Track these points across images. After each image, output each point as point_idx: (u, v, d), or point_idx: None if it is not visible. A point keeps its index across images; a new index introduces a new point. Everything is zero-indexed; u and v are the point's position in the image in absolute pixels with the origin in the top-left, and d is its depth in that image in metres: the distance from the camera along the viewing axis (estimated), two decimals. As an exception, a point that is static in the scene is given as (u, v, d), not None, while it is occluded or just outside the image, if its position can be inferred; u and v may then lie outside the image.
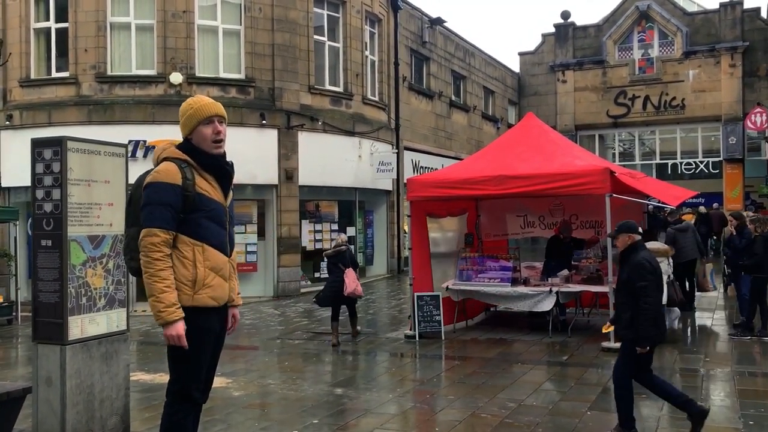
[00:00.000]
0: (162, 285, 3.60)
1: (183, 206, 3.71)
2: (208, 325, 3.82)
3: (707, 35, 28.47)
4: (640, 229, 5.83)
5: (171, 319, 3.60)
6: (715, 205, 24.36)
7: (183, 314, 3.65)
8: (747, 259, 9.90)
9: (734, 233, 10.47)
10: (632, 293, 5.43)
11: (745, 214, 11.58)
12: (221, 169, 3.90)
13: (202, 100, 3.89)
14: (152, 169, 3.88)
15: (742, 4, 27.96)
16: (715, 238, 22.84)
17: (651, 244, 9.61)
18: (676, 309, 9.89)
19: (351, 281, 10.39)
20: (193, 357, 3.80)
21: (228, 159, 3.98)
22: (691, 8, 30.43)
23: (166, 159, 3.81)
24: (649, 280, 5.40)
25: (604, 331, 7.06)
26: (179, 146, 3.87)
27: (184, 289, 3.72)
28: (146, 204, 3.69)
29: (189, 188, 3.73)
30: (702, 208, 22.91)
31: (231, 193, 4.02)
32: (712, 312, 12.33)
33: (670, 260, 9.58)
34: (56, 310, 4.79)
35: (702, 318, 11.79)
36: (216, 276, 3.82)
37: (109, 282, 5.11)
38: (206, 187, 3.82)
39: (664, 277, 9.38)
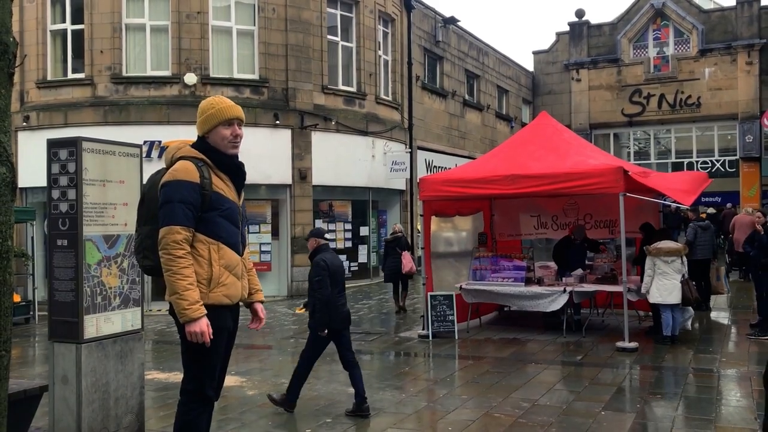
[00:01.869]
0: (185, 282, 3.61)
1: (201, 205, 3.73)
2: (223, 324, 3.84)
3: (723, 32, 28.22)
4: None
5: (195, 316, 3.61)
6: (728, 205, 24.10)
7: (206, 311, 3.67)
8: (765, 258, 9.83)
9: (762, 232, 10.33)
10: (312, 287, 6.47)
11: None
12: (237, 169, 3.92)
13: (224, 102, 3.90)
14: (164, 168, 3.90)
15: (759, 0, 27.68)
16: (722, 237, 22.35)
17: (665, 243, 9.55)
18: (690, 309, 9.82)
19: (407, 262, 12.85)
20: (207, 356, 3.82)
21: (240, 159, 4.01)
22: (707, 5, 30.16)
23: (181, 158, 3.83)
24: (323, 275, 6.36)
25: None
26: (194, 145, 3.89)
27: (199, 288, 3.74)
28: (166, 202, 3.69)
29: (206, 187, 3.75)
30: (711, 209, 22.65)
31: (243, 193, 4.04)
32: (727, 312, 12.23)
33: (684, 258, 9.50)
34: (72, 309, 4.84)
35: (717, 318, 11.70)
36: (230, 275, 3.84)
37: (123, 281, 5.15)
38: (222, 186, 3.85)
39: (678, 276, 9.33)
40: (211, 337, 3.69)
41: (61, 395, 4.83)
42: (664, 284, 9.36)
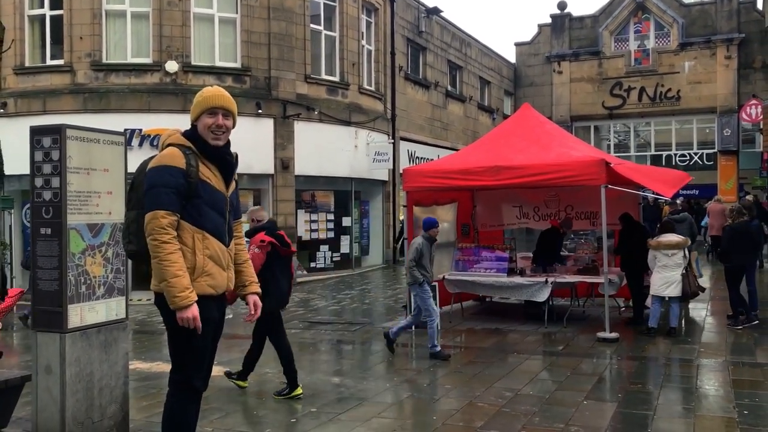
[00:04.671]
0: (173, 269, 3.59)
1: (186, 192, 3.71)
2: (208, 315, 3.82)
3: (703, 27, 28.50)
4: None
5: (186, 303, 3.60)
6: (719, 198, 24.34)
7: (196, 297, 3.66)
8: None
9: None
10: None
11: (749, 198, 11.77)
12: (222, 159, 3.89)
13: (212, 91, 3.87)
14: (151, 157, 3.88)
15: (737, -5, 28.00)
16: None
17: (666, 237, 9.62)
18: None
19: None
20: (194, 346, 3.81)
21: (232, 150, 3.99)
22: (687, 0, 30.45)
23: (170, 145, 3.81)
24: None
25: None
26: (185, 133, 3.87)
27: None
28: (151, 187, 3.67)
29: (192, 174, 3.72)
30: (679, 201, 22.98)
31: (234, 183, 4.02)
32: (705, 303, 12.40)
33: (686, 251, 9.63)
34: (56, 298, 4.79)
35: (696, 308, 11.86)
36: (214, 264, 3.82)
37: (108, 270, 5.11)
38: (209, 175, 3.82)
39: (679, 270, 9.42)
40: (192, 329, 3.68)
41: (45, 385, 4.79)
42: (665, 277, 9.46)
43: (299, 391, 6.71)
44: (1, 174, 3.01)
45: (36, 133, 4.88)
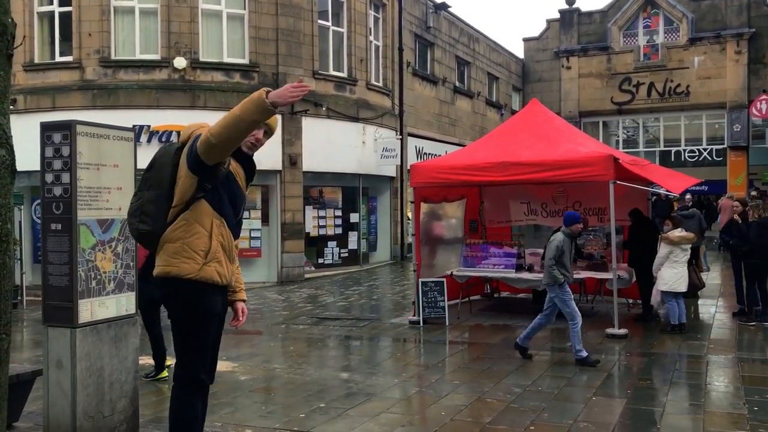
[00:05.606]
0: (232, 112, 3.49)
1: (217, 174, 3.73)
2: (214, 307, 3.86)
3: (713, 21, 28.32)
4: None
5: (263, 95, 3.45)
6: (731, 194, 24.21)
7: (206, 277, 3.74)
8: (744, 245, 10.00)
9: (740, 221, 10.44)
10: None
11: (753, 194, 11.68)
12: (249, 161, 3.96)
13: None
14: (176, 143, 3.92)
15: (748, -11, 27.81)
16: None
17: (681, 232, 9.59)
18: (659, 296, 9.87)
19: None
20: (199, 340, 3.84)
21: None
22: (696, -6, 30.28)
23: None
24: None
25: None
26: None
27: (196, 258, 3.73)
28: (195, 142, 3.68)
29: (225, 163, 3.77)
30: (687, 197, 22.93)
31: (247, 187, 4.08)
32: (715, 299, 12.35)
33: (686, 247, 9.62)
34: (66, 293, 4.81)
35: (705, 304, 11.81)
36: (224, 254, 3.85)
37: (118, 266, 5.12)
38: (235, 169, 3.89)
39: (686, 264, 9.43)
40: (197, 322, 3.70)
41: (56, 380, 4.81)
42: (677, 272, 9.44)
43: (165, 374, 7.40)
44: (14, 169, 3.00)
45: (46, 129, 4.90)
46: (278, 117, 3.91)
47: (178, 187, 3.76)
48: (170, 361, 7.33)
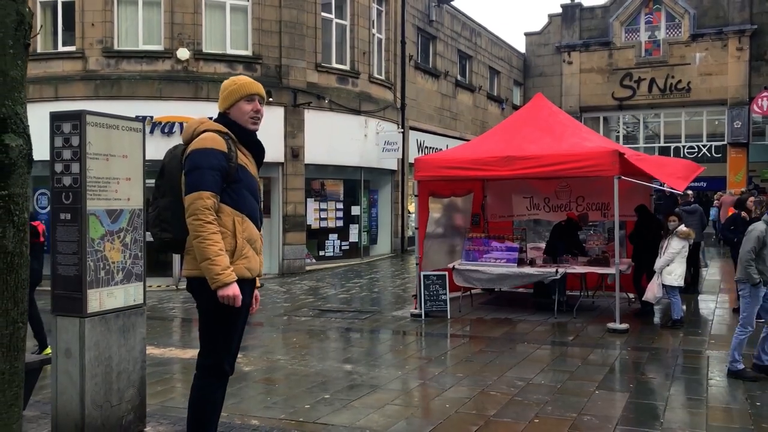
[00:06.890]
0: (216, 248, 3.63)
1: (227, 176, 3.76)
2: (242, 299, 3.88)
3: (715, 18, 28.29)
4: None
5: (228, 280, 3.64)
6: (731, 191, 24.29)
7: (236, 276, 3.71)
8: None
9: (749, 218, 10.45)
10: None
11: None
12: (257, 144, 3.97)
13: (247, 79, 3.98)
14: (180, 144, 3.91)
15: (751, -14, 27.76)
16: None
17: (684, 227, 9.63)
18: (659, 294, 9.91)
19: None
20: (227, 330, 3.86)
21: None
22: (699, -10, 30.24)
23: (206, 131, 3.84)
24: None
25: None
26: (217, 120, 3.92)
27: None
28: (195, 168, 3.69)
29: (232, 159, 3.79)
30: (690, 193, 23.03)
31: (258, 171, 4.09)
32: (714, 295, 12.40)
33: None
34: (75, 283, 4.82)
35: (705, 300, 11.86)
36: (251, 248, 3.88)
37: (126, 256, 5.14)
38: (245, 160, 3.90)
39: (683, 261, 9.49)
40: (226, 312, 3.73)
41: (64, 369, 4.83)
42: (684, 267, 9.64)
43: (48, 351, 7.70)
44: (30, 159, 3.01)
45: (56, 119, 4.90)
46: (256, 81, 4.03)
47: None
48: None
